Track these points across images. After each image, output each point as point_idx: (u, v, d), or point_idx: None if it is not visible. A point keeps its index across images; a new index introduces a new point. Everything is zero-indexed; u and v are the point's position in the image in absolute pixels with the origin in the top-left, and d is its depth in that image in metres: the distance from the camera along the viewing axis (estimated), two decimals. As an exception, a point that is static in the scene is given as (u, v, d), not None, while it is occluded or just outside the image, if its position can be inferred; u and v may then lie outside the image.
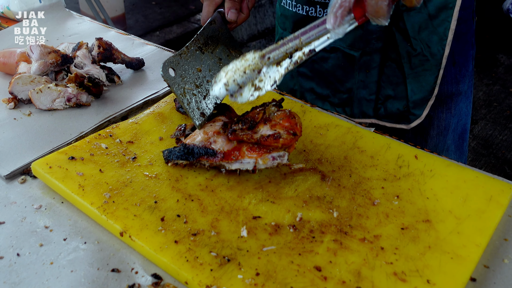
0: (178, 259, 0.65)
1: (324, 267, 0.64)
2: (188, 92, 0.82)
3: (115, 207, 0.72)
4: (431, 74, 1.05)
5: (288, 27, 1.13)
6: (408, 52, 1.04)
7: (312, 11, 1.06)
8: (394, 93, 1.09)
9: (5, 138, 0.91)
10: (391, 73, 1.07)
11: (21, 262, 0.68)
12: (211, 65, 0.88)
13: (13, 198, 0.79)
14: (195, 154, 0.78)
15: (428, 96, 1.07)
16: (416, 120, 1.09)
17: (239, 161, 0.76)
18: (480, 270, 0.66)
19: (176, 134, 0.85)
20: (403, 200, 0.75)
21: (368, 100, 1.11)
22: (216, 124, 0.80)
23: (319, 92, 1.16)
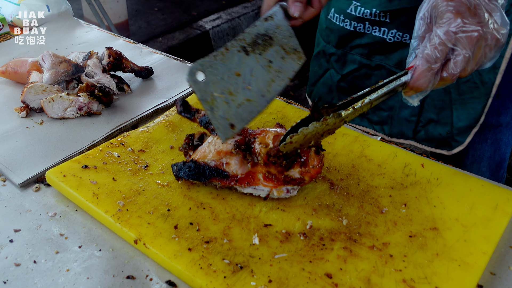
0: (192, 266, 0.66)
1: (334, 274, 0.65)
2: (217, 99, 0.71)
3: (129, 215, 0.74)
4: (479, 102, 1.03)
5: (333, 40, 1.12)
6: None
7: (361, 27, 1.05)
8: (437, 117, 1.07)
9: (18, 146, 0.93)
10: (437, 97, 1.05)
11: (38, 269, 0.69)
12: (255, 69, 0.74)
13: (28, 206, 0.80)
14: (206, 174, 0.77)
15: (474, 124, 1.06)
16: (458, 147, 1.08)
17: (252, 186, 0.76)
18: (487, 277, 0.68)
19: (184, 147, 0.83)
20: (410, 208, 0.76)
21: (409, 121, 1.09)
22: (228, 142, 0.78)
23: None
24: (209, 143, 0.79)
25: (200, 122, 0.85)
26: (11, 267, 0.70)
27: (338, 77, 1.14)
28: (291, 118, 0.97)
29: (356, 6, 1.03)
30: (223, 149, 0.77)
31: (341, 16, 1.07)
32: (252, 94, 0.72)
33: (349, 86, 1.14)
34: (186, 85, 1.11)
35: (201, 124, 0.84)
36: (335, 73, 1.14)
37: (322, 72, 1.18)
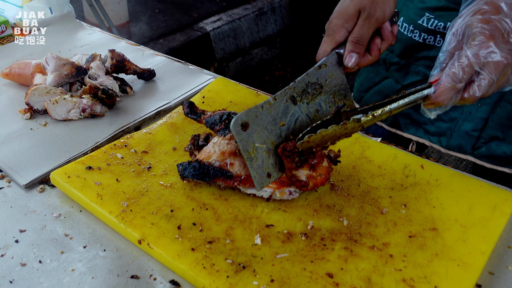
0: (196, 266, 0.67)
1: (335, 274, 0.67)
2: (258, 149, 0.71)
3: (133, 216, 0.75)
4: None
5: (397, 50, 1.09)
6: None
7: (431, 40, 1.02)
8: (503, 135, 1.02)
9: (23, 148, 0.94)
10: (505, 115, 1.00)
11: (44, 269, 0.70)
12: (300, 117, 0.74)
13: (33, 206, 0.82)
14: (211, 175, 0.78)
15: None
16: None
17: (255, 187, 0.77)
18: (485, 277, 0.69)
19: (190, 148, 0.85)
20: (410, 208, 0.77)
21: (470, 135, 1.05)
22: (232, 143, 0.79)
23: (415, 118, 1.10)
24: (214, 143, 0.80)
25: (206, 123, 0.86)
26: (17, 267, 0.71)
27: (398, 87, 1.11)
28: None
29: (429, 18, 1.00)
30: (227, 150, 0.78)
31: (410, 26, 1.04)
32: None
33: None
34: (188, 87, 1.13)
35: (207, 125, 0.86)
36: (394, 82, 1.11)
37: (379, 80, 1.15)
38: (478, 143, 1.04)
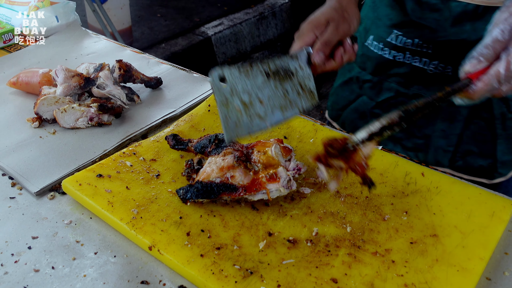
0: (205, 271, 0.70)
1: (340, 279, 0.69)
2: (234, 106, 0.76)
3: (143, 223, 0.77)
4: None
5: (369, 68, 1.13)
6: (502, 114, 1.03)
7: (401, 57, 1.06)
8: (478, 149, 1.07)
9: (33, 156, 0.96)
10: (478, 130, 1.05)
11: (56, 275, 0.73)
12: (272, 93, 0.80)
13: (44, 213, 0.84)
14: (215, 191, 0.79)
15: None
16: (500, 178, 1.08)
17: (261, 191, 0.79)
18: (483, 282, 0.71)
19: (187, 172, 0.86)
20: (411, 215, 0.80)
21: (446, 150, 1.09)
22: (227, 158, 0.81)
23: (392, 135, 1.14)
24: (210, 163, 0.82)
25: (195, 149, 0.89)
26: (31, 273, 0.73)
27: (373, 104, 1.15)
28: (295, 128, 1.01)
29: (397, 36, 1.04)
30: (224, 165, 0.80)
31: (380, 44, 1.08)
32: (264, 112, 0.78)
33: (384, 112, 1.13)
34: (193, 95, 1.15)
35: (196, 151, 0.89)
36: (368, 99, 1.15)
37: (354, 98, 1.19)
38: (455, 157, 1.07)
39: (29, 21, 1.43)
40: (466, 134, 1.05)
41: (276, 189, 0.79)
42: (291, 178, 0.81)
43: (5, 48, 1.41)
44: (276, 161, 0.81)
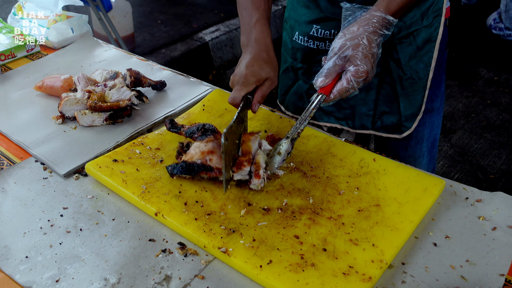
0: (198, 231, 0.91)
1: (301, 236, 0.90)
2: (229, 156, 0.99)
3: (150, 196, 0.99)
4: (418, 94, 1.28)
5: (299, 57, 1.36)
6: (400, 77, 1.27)
7: (322, 45, 1.30)
8: (389, 109, 1.32)
9: (58, 146, 1.18)
10: (386, 93, 1.31)
11: (84, 235, 0.94)
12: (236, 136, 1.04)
13: (71, 190, 1.05)
14: (196, 170, 1.01)
15: (417, 112, 1.31)
16: (407, 131, 1.33)
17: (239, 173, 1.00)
18: (412, 240, 0.93)
19: (178, 151, 1.09)
20: (361, 191, 1.01)
21: (367, 115, 1.34)
22: (209, 144, 1.03)
23: (325, 108, 1.39)
24: (195, 147, 1.04)
25: (185, 133, 1.11)
26: (64, 234, 0.94)
27: (307, 86, 1.39)
28: (274, 123, 1.22)
29: (317, 29, 1.28)
30: (205, 150, 1.02)
31: (305, 38, 1.32)
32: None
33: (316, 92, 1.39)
34: (190, 96, 1.36)
35: (186, 135, 1.10)
36: (303, 83, 1.40)
37: (292, 83, 1.43)
38: (375, 119, 1.34)
39: (49, 33, 1.65)
40: (379, 99, 1.31)
41: (255, 184, 1.00)
42: (265, 179, 1.02)
43: (28, 56, 1.62)
44: (250, 148, 1.02)
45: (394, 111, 1.32)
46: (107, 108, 1.24)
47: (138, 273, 0.86)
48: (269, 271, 0.84)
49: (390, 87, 1.30)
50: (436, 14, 1.21)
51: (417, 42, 1.24)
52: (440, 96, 1.38)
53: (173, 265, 0.88)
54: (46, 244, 0.92)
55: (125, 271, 0.86)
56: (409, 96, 1.29)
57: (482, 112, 3.35)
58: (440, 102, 1.39)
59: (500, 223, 0.94)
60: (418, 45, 1.24)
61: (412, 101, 1.30)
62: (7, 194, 1.04)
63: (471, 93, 3.57)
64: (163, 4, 4.52)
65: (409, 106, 1.31)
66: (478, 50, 4.13)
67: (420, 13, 1.20)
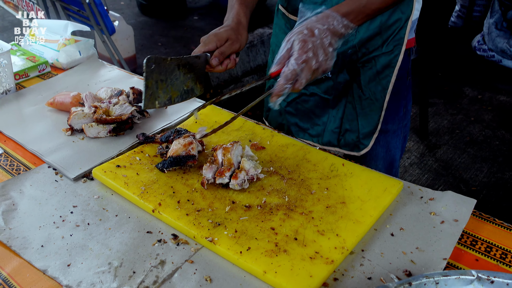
0: (188, 224, 1.07)
1: (276, 228, 1.06)
2: (154, 82, 1.12)
3: (148, 195, 1.14)
4: (375, 114, 1.42)
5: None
6: (359, 96, 1.41)
7: None
8: (350, 127, 1.46)
9: (68, 154, 1.34)
10: (349, 112, 1.45)
11: (91, 228, 1.10)
12: (178, 81, 1.18)
13: (80, 192, 1.21)
14: (183, 160, 1.20)
15: (373, 130, 1.44)
16: (364, 149, 1.47)
17: (221, 178, 1.16)
18: (371, 231, 1.08)
19: (161, 152, 1.27)
20: (330, 190, 1.17)
21: (334, 132, 1.48)
22: (186, 139, 1.22)
23: (301, 125, 1.54)
24: (175, 144, 1.22)
25: (161, 139, 1.30)
26: (74, 227, 1.10)
27: (285, 104, 1.55)
28: (258, 134, 1.39)
29: None
30: (186, 143, 1.21)
31: None
32: (172, 91, 1.18)
33: (293, 109, 1.55)
34: (184, 111, 1.53)
35: (161, 141, 1.29)
36: (283, 101, 1.53)
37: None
38: (340, 136, 1.48)
39: (59, 55, 1.83)
40: (344, 117, 1.45)
41: (232, 184, 1.16)
42: (246, 180, 1.18)
43: (40, 76, 1.80)
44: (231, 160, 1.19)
45: (354, 129, 1.46)
46: (111, 121, 1.41)
47: (137, 259, 1.01)
48: (247, 256, 0.99)
49: (352, 106, 1.44)
50: (397, 43, 1.35)
51: (377, 66, 1.37)
52: (397, 120, 1.49)
53: (167, 252, 1.03)
54: (59, 236, 1.07)
55: (126, 257, 1.02)
56: (367, 115, 1.43)
57: (466, 128, 3.52)
58: (398, 125, 1.50)
59: (447, 217, 1.10)
60: (377, 70, 1.37)
61: (369, 120, 1.44)
62: (24, 194, 1.20)
63: (455, 110, 3.74)
64: (163, 28, 4.74)
65: (366, 124, 1.44)
66: (463, 70, 4.33)
67: (381, 41, 1.35)
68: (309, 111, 1.52)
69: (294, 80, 1.10)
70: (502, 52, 4.34)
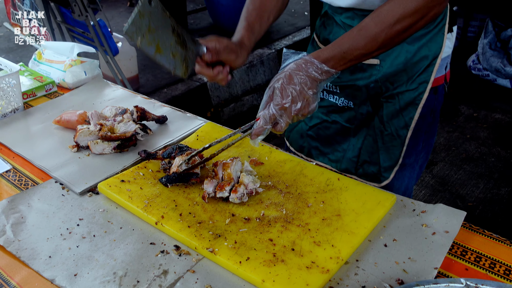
0: (190, 235, 1.11)
1: (274, 239, 1.11)
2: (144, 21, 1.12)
3: (152, 208, 1.19)
4: (397, 149, 1.41)
5: None
6: (381, 131, 1.40)
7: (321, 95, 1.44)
8: (369, 159, 1.45)
9: (74, 170, 1.39)
10: (368, 144, 1.44)
11: (96, 240, 1.14)
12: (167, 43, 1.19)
13: (85, 205, 1.26)
14: (187, 178, 1.25)
15: (394, 164, 1.44)
16: (385, 181, 1.48)
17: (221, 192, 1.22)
18: (365, 242, 1.12)
19: (164, 168, 1.33)
20: (326, 204, 1.22)
21: (352, 161, 1.51)
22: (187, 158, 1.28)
23: (322, 149, 1.58)
24: (177, 161, 1.28)
25: (163, 156, 1.34)
26: (80, 239, 1.14)
27: (307, 128, 1.59)
28: (256, 150, 1.45)
29: None
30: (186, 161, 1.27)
31: None
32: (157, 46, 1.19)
33: (314, 134, 1.59)
34: (186, 129, 1.59)
35: (163, 157, 1.34)
36: (305, 125, 1.59)
37: (296, 123, 1.63)
38: (358, 165, 1.50)
39: (65, 75, 1.90)
40: (363, 148, 1.48)
41: (232, 198, 1.22)
42: (245, 194, 1.23)
43: (47, 95, 1.87)
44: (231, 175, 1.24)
45: (375, 161, 1.46)
46: (116, 138, 1.46)
47: (141, 269, 1.06)
48: (247, 266, 1.03)
49: (373, 139, 1.44)
50: (422, 80, 1.33)
51: (400, 103, 1.37)
52: (414, 154, 1.48)
53: (170, 262, 1.08)
54: (66, 247, 1.12)
55: (130, 267, 1.06)
56: (388, 150, 1.44)
57: (462, 145, 3.58)
58: (415, 158, 1.49)
59: (439, 229, 1.15)
60: (401, 106, 1.37)
61: (391, 155, 1.43)
62: (32, 208, 1.25)
63: (452, 128, 3.81)
64: (165, 48, 4.84)
65: (387, 159, 1.46)
66: (459, 89, 4.41)
67: (407, 77, 1.34)
68: (330, 137, 1.54)
69: (273, 122, 1.16)
70: (497, 71, 4.43)
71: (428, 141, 1.52)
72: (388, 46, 1.19)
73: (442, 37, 1.32)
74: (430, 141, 1.54)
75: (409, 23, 1.14)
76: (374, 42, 1.16)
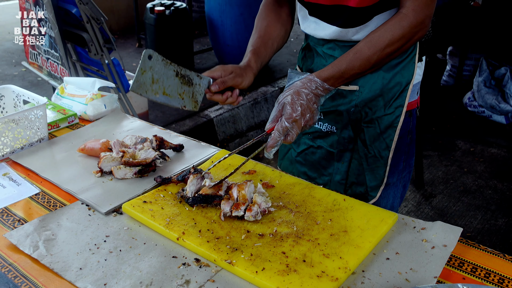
0: (209, 249, 1.21)
1: (287, 252, 1.20)
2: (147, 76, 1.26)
3: (173, 226, 1.30)
4: (381, 169, 1.53)
5: None
6: (365, 154, 1.52)
7: None
8: (357, 180, 1.56)
9: (99, 192, 1.50)
10: (355, 167, 1.56)
11: (123, 255, 1.24)
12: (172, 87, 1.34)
13: (111, 224, 1.37)
14: (210, 199, 1.36)
15: (380, 184, 1.55)
16: (372, 200, 1.60)
17: (237, 211, 1.32)
18: (371, 256, 1.22)
19: (181, 195, 1.43)
20: (333, 221, 1.33)
21: (340, 183, 1.63)
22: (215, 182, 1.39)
23: (310, 174, 1.70)
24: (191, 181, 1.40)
25: (178, 180, 1.47)
26: (107, 253, 1.24)
27: (295, 154, 1.72)
28: (267, 174, 1.56)
29: None
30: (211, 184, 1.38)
31: None
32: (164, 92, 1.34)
33: (302, 159, 1.72)
34: (201, 156, 1.71)
35: (178, 180, 1.47)
36: (293, 151, 1.73)
37: (286, 150, 1.78)
38: (346, 188, 1.62)
39: (86, 108, 2.05)
40: (349, 171, 1.60)
41: (247, 216, 1.33)
42: (259, 212, 1.34)
43: (69, 126, 2.00)
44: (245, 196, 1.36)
45: (361, 182, 1.60)
46: (137, 164, 1.59)
47: (165, 279, 1.15)
48: (262, 275, 1.13)
49: (358, 162, 1.56)
50: (398, 105, 1.47)
51: (380, 127, 1.49)
52: (397, 173, 1.60)
53: (191, 273, 1.17)
54: (95, 261, 1.22)
55: (155, 277, 1.16)
56: (373, 171, 1.57)
57: (460, 178, 3.69)
58: (398, 177, 1.61)
59: (437, 243, 1.25)
60: (381, 129, 1.49)
61: (376, 175, 1.55)
62: (62, 226, 1.35)
63: (449, 162, 3.93)
64: (172, 86, 5.04)
65: (373, 179, 1.58)
66: (456, 125, 4.57)
67: (383, 102, 1.48)
68: (316, 162, 1.65)
69: (285, 134, 1.31)
70: (492, 108, 4.61)
71: (408, 162, 1.64)
72: (379, 65, 1.41)
73: (414, 65, 1.46)
74: (410, 162, 1.66)
75: (397, 46, 1.35)
76: (367, 63, 1.36)
